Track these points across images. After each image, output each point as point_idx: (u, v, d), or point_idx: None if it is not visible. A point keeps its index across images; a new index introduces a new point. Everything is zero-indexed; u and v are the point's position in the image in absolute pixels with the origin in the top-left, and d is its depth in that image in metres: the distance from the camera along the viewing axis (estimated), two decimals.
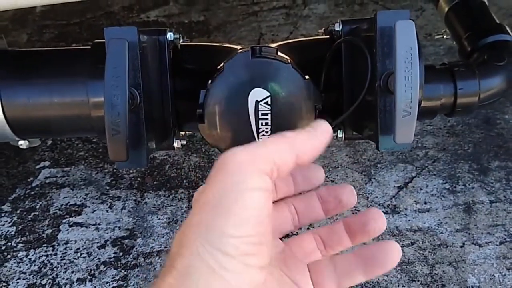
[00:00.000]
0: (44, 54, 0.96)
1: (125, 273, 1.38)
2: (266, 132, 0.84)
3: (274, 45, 0.91)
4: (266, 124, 0.83)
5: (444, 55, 1.93)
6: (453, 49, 1.90)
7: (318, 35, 1.00)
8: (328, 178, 1.59)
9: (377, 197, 1.54)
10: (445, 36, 1.21)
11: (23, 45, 2.16)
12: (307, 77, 0.84)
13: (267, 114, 0.83)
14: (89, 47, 0.91)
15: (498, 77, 1.01)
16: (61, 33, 2.23)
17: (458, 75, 0.97)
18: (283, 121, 0.84)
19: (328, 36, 0.96)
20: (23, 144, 1.00)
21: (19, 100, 0.88)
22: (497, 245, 1.42)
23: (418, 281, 1.34)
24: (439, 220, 1.48)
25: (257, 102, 0.82)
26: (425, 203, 1.52)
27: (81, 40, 2.17)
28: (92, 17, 2.32)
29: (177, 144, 0.95)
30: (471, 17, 1.19)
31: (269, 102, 0.82)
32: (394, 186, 1.56)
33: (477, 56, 1.06)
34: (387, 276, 1.35)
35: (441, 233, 1.45)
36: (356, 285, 1.33)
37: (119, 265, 1.40)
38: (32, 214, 1.53)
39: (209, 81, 0.82)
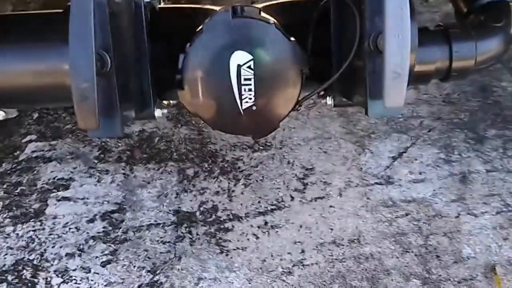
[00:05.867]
0: (15, 19, 0.91)
1: (115, 247, 1.36)
2: (250, 98, 0.80)
3: (259, 5, 0.86)
4: (250, 90, 0.79)
5: (441, 22, 1.88)
6: (450, 16, 1.84)
7: None
8: (321, 149, 1.56)
9: (371, 168, 1.50)
10: None
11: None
12: (292, 38, 0.79)
13: (250, 79, 0.78)
14: (62, 11, 0.86)
15: (496, 38, 0.96)
16: (46, 3, 2.16)
17: (453, 37, 0.92)
18: (267, 86, 0.80)
19: None
20: None
21: None
22: (493, 215, 1.39)
23: (412, 252, 1.33)
24: (434, 190, 1.45)
25: (239, 66, 0.77)
26: (420, 173, 1.49)
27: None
28: None
29: (158, 113, 0.91)
30: None
31: (252, 66, 0.78)
32: (389, 157, 1.53)
33: (474, 17, 1.02)
34: (380, 247, 1.33)
35: (436, 203, 1.42)
36: (349, 257, 1.32)
37: (108, 239, 1.38)
38: (19, 188, 1.50)
39: (188, 45, 0.77)
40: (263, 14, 0.79)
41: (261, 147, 1.57)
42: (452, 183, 1.46)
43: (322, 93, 0.92)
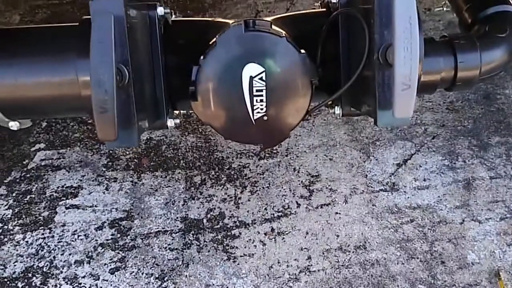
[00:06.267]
0: (31, 32, 0.93)
1: (123, 254, 1.37)
2: (261, 109, 0.82)
3: (268, 18, 0.88)
4: (261, 100, 0.81)
5: (443, 30, 1.90)
6: (453, 24, 1.86)
7: (314, 9, 0.97)
8: (327, 156, 1.57)
9: (376, 174, 1.52)
10: (444, 9, 1.18)
11: (15, 26, 2.12)
12: (302, 51, 0.81)
13: (262, 90, 0.81)
14: (77, 24, 0.88)
15: (500, 49, 0.98)
16: (54, 13, 2.19)
17: (458, 47, 0.94)
18: (278, 97, 0.82)
19: (324, 9, 0.93)
20: (13, 125, 0.98)
21: (6, 80, 0.85)
22: (497, 221, 1.41)
23: (418, 258, 1.34)
24: (439, 197, 1.46)
25: (251, 78, 0.79)
26: (424, 180, 1.51)
27: (74, 20, 2.12)
28: None
29: (170, 123, 0.93)
30: None
31: (264, 78, 0.80)
32: (393, 164, 1.55)
33: (478, 28, 1.03)
34: (386, 253, 1.35)
35: (441, 210, 1.44)
36: (355, 263, 1.33)
37: (116, 246, 1.39)
38: (28, 196, 1.51)
39: (201, 57, 0.79)
40: (274, 27, 0.81)
41: (267, 155, 1.58)
42: (456, 189, 1.48)
43: (330, 103, 0.94)
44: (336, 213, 1.44)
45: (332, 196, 1.47)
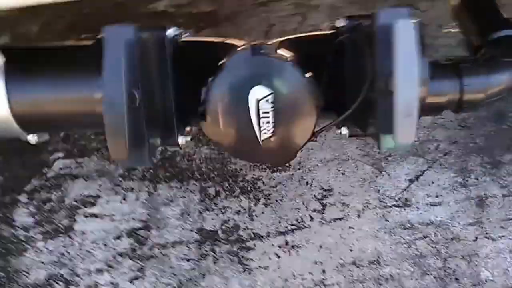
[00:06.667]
0: (49, 51, 0.97)
1: (142, 264, 1.40)
2: (268, 130, 0.85)
3: (275, 41, 0.91)
4: (268, 122, 0.84)
5: (455, 47, 1.89)
6: (465, 41, 1.85)
7: (322, 30, 0.99)
8: (339, 170, 1.59)
9: (388, 190, 1.53)
10: (452, 30, 1.19)
11: (34, 36, 2.17)
12: (307, 74, 0.84)
13: (268, 112, 0.83)
14: (93, 43, 0.92)
15: (506, 73, 0.98)
16: (72, 24, 2.24)
17: (464, 71, 0.95)
18: (284, 119, 0.84)
19: (331, 32, 0.96)
20: (32, 139, 1.01)
21: (26, 97, 0.89)
22: (510, 239, 1.40)
23: (431, 274, 1.34)
24: (451, 213, 1.46)
25: (257, 101, 0.82)
26: (437, 196, 1.51)
27: (91, 31, 2.16)
28: (102, 8, 2.31)
29: (181, 140, 0.96)
30: (479, 11, 1.16)
31: (270, 100, 0.82)
32: (405, 179, 1.55)
33: (485, 51, 1.04)
34: (399, 269, 1.35)
35: (454, 226, 1.43)
36: (369, 278, 1.34)
37: (135, 256, 1.42)
38: (48, 204, 1.56)
39: (210, 79, 0.83)
40: (280, 50, 0.84)
41: (280, 168, 1.60)
42: (469, 206, 1.48)
43: (336, 124, 0.96)
44: (349, 227, 1.45)
45: (345, 211, 1.48)
